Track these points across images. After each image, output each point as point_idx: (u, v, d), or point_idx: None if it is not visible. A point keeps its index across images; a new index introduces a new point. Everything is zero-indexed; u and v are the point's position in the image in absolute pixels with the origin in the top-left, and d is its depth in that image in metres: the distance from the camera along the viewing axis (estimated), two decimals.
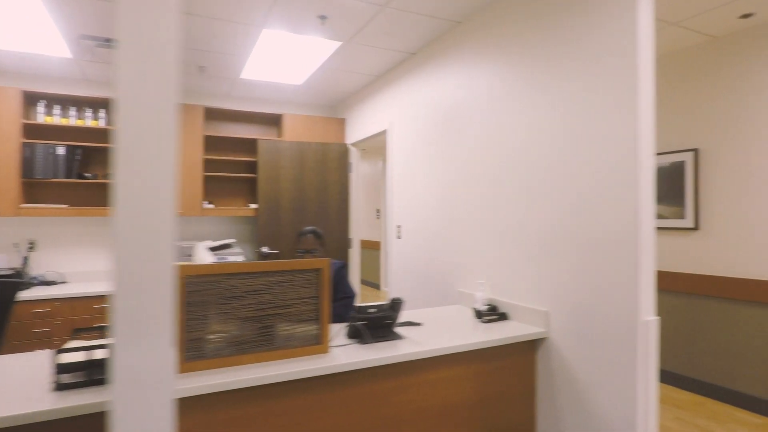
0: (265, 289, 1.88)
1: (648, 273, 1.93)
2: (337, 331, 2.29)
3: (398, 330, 2.32)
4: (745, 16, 2.96)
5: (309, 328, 1.96)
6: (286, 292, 1.92)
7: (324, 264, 1.97)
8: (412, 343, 2.08)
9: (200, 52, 3.64)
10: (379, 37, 3.35)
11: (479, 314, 2.56)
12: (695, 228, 3.42)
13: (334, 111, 5.46)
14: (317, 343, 1.96)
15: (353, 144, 4.87)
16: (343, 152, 4.81)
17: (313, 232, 2.65)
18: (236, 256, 4.19)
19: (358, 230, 5.04)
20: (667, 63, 3.61)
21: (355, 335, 2.15)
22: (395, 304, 2.20)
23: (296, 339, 1.93)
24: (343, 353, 1.95)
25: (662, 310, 3.65)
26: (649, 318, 1.91)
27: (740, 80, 3.16)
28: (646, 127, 1.93)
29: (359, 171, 5.03)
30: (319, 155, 4.73)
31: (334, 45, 3.51)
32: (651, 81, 1.95)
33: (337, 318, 2.58)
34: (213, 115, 4.83)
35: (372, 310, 2.17)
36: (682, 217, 3.50)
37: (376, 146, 7.46)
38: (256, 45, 3.49)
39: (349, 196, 4.87)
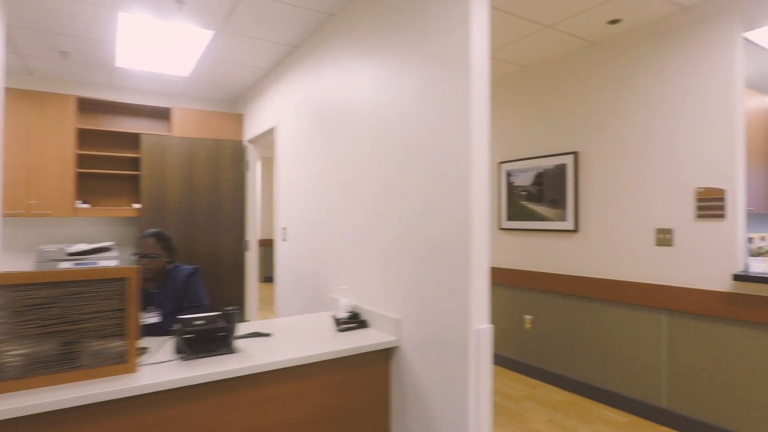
0: (51, 302, 1.63)
1: (481, 281, 1.85)
2: (161, 346, 2.06)
3: (239, 342, 2.12)
4: (613, 22, 3.02)
5: (113, 345, 1.72)
6: (80, 305, 1.67)
7: (130, 273, 1.74)
8: (244, 358, 1.89)
9: (57, 35, 3.27)
10: (252, 27, 3.15)
11: (338, 322, 2.41)
12: (575, 230, 3.46)
13: (234, 106, 5.18)
14: (122, 362, 1.73)
15: (250, 141, 4.62)
16: (239, 149, 4.55)
17: (155, 234, 2.40)
18: (109, 261, 3.82)
19: (259, 231, 4.79)
20: (549, 67, 3.65)
21: (182, 350, 1.93)
22: (229, 315, 2.00)
23: (99, 357, 1.69)
24: (155, 372, 1.74)
25: (545, 311, 3.69)
26: (481, 327, 1.83)
27: (613, 85, 3.23)
28: (478, 133, 1.84)
29: (265, 169, 4.78)
30: (212, 152, 4.44)
31: (208, 34, 3.26)
32: (485, 85, 1.87)
33: None
34: (90, 106, 4.41)
35: (199, 322, 1.96)
36: (564, 219, 3.54)
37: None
38: (118, 29, 3.17)
39: (245, 196, 4.61)
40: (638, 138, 3.09)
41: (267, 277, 8.91)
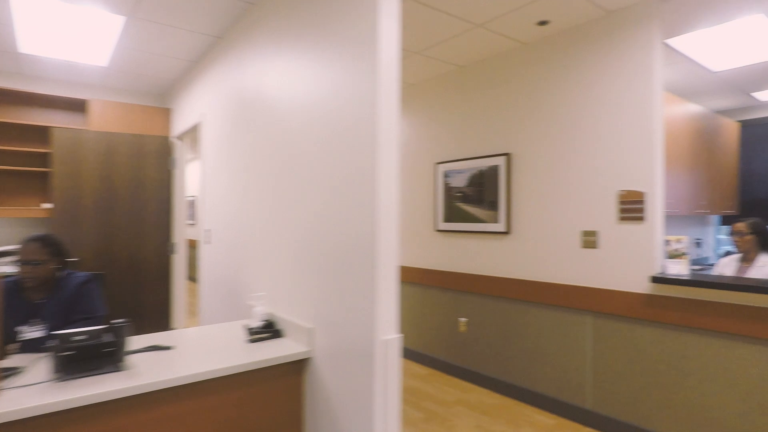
0: None
1: (388, 290, 1.75)
2: (36, 365, 1.83)
3: (134, 358, 1.92)
4: (542, 23, 3.01)
5: None
6: None
7: None
8: (131, 376, 1.70)
9: None
10: (165, 13, 2.92)
11: (250, 332, 2.25)
12: (507, 232, 3.45)
13: (162, 100, 4.88)
14: None
15: (178, 137, 4.35)
16: (164, 146, 4.27)
17: (40, 239, 2.15)
18: (8, 267, 3.47)
19: (187, 232, 4.52)
20: (484, 67, 3.63)
21: (58, 369, 1.72)
22: (117, 329, 1.80)
23: None
24: (19, 397, 1.52)
25: (479, 313, 3.66)
26: (389, 337, 1.73)
27: (543, 87, 3.23)
28: (386, 131, 1.74)
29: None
30: (135, 149, 4.14)
31: (119, 19, 3.01)
32: (394, 83, 1.77)
33: None
34: None
35: (79, 338, 1.75)
36: (497, 221, 3.52)
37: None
38: (13, 10, 2.86)
39: (171, 195, 4.34)
40: (565, 140, 3.10)
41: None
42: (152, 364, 1.84)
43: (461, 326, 3.84)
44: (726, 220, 5.91)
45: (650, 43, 2.70)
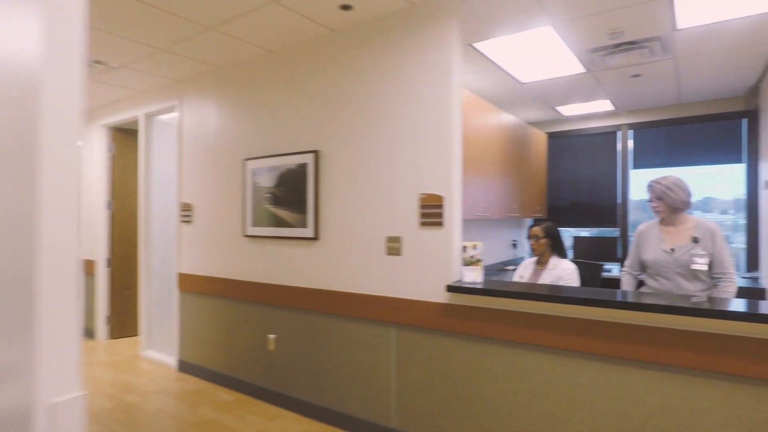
0: None
1: (61, 325, 1.22)
2: None
3: None
4: (345, 7, 2.73)
5: None
6: None
7: None
8: None
9: None
10: None
11: None
12: (316, 238, 3.12)
13: None
14: None
15: None
16: None
17: None
18: None
19: None
20: (292, 54, 3.25)
21: None
22: None
23: None
24: None
25: (289, 328, 3.27)
26: (63, 397, 1.20)
27: (350, 79, 2.96)
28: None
29: None
30: None
31: None
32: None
33: None
34: None
35: None
36: (305, 225, 3.16)
37: None
38: None
39: None
40: (371, 139, 2.86)
41: None
42: None
43: (270, 344, 3.40)
44: (537, 223, 6.46)
45: (449, 42, 2.57)
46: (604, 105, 5.23)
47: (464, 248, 2.54)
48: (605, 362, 2.08)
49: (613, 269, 4.72)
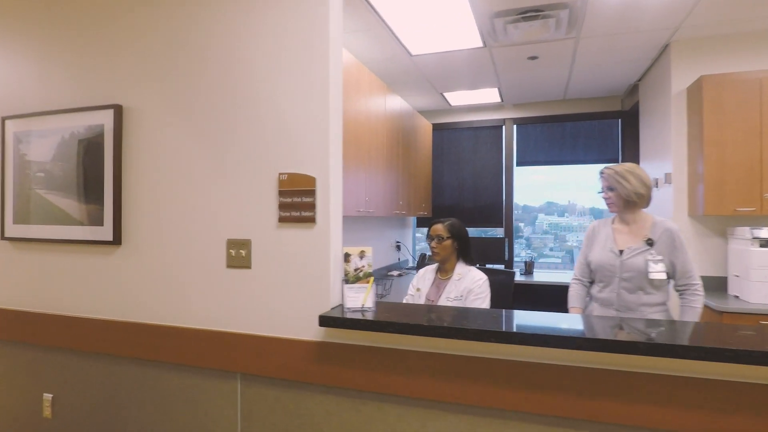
0: None
1: None
2: None
3: None
4: None
5: None
6: None
7: None
8: None
9: None
10: None
11: None
12: (116, 242, 2.00)
13: None
14: None
15: None
16: None
17: None
18: None
19: None
20: None
21: None
22: None
23: None
24: None
25: (74, 385, 2.10)
26: None
27: (186, 6, 1.91)
28: None
29: None
30: None
31: None
32: None
33: None
34: None
35: None
36: (100, 222, 2.02)
37: None
38: None
39: None
40: (205, 92, 1.86)
41: None
42: None
43: (45, 408, 2.17)
44: (421, 222, 5.93)
45: None
46: (492, 95, 4.84)
47: (347, 257, 1.69)
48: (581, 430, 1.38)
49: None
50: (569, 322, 1.67)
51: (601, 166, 2.24)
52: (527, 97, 5.00)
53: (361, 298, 1.64)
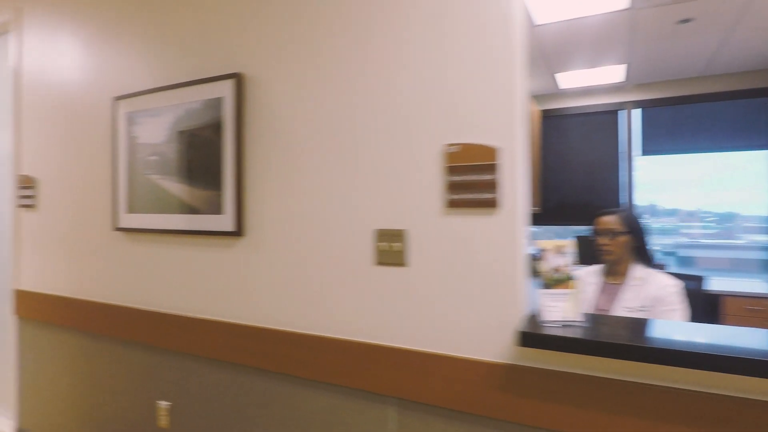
0: None
1: None
2: None
3: None
4: None
5: None
6: None
7: None
8: None
9: None
10: None
11: None
12: (238, 233, 1.72)
13: None
14: None
15: None
16: None
17: None
18: None
19: None
20: None
21: None
22: None
23: None
24: None
25: (193, 394, 1.86)
26: None
27: None
28: None
29: None
30: None
31: None
32: None
33: None
34: None
35: None
36: (219, 210, 1.76)
37: None
38: None
39: None
40: (346, 49, 1.52)
41: None
42: None
43: (161, 417, 1.96)
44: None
45: None
46: (615, 73, 4.22)
47: (540, 253, 1.27)
48: None
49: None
50: None
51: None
52: (658, 74, 4.32)
53: (563, 308, 1.22)
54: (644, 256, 1.92)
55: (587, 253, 4.13)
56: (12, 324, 2.60)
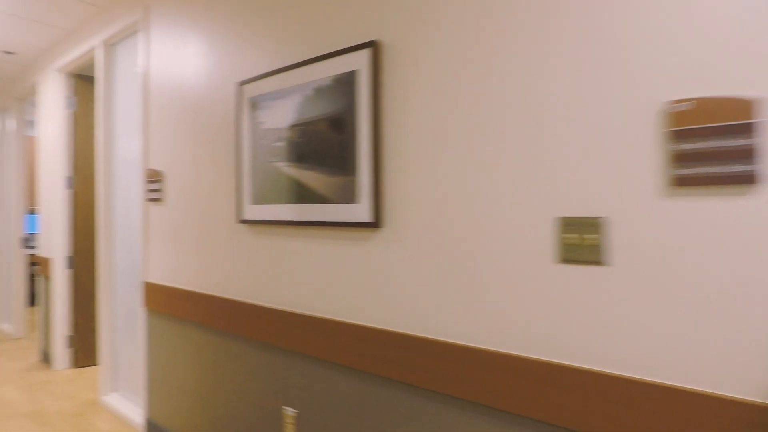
0: None
1: None
2: None
3: None
4: None
5: None
6: None
7: None
8: None
9: None
10: None
11: None
12: (376, 224, 1.50)
13: None
14: None
15: None
16: None
17: None
18: None
19: None
20: None
21: None
22: None
23: None
24: None
25: (324, 402, 1.68)
26: None
27: None
28: None
29: None
30: None
31: None
32: None
33: None
34: None
35: None
36: (353, 198, 1.55)
37: None
38: None
39: None
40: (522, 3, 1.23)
41: None
42: None
43: (287, 424, 1.82)
44: None
45: None
46: None
47: None
48: None
49: None
50: None
51: None
52: None
53: None
54: None
55: None
56: (141, 316, 2.65)
